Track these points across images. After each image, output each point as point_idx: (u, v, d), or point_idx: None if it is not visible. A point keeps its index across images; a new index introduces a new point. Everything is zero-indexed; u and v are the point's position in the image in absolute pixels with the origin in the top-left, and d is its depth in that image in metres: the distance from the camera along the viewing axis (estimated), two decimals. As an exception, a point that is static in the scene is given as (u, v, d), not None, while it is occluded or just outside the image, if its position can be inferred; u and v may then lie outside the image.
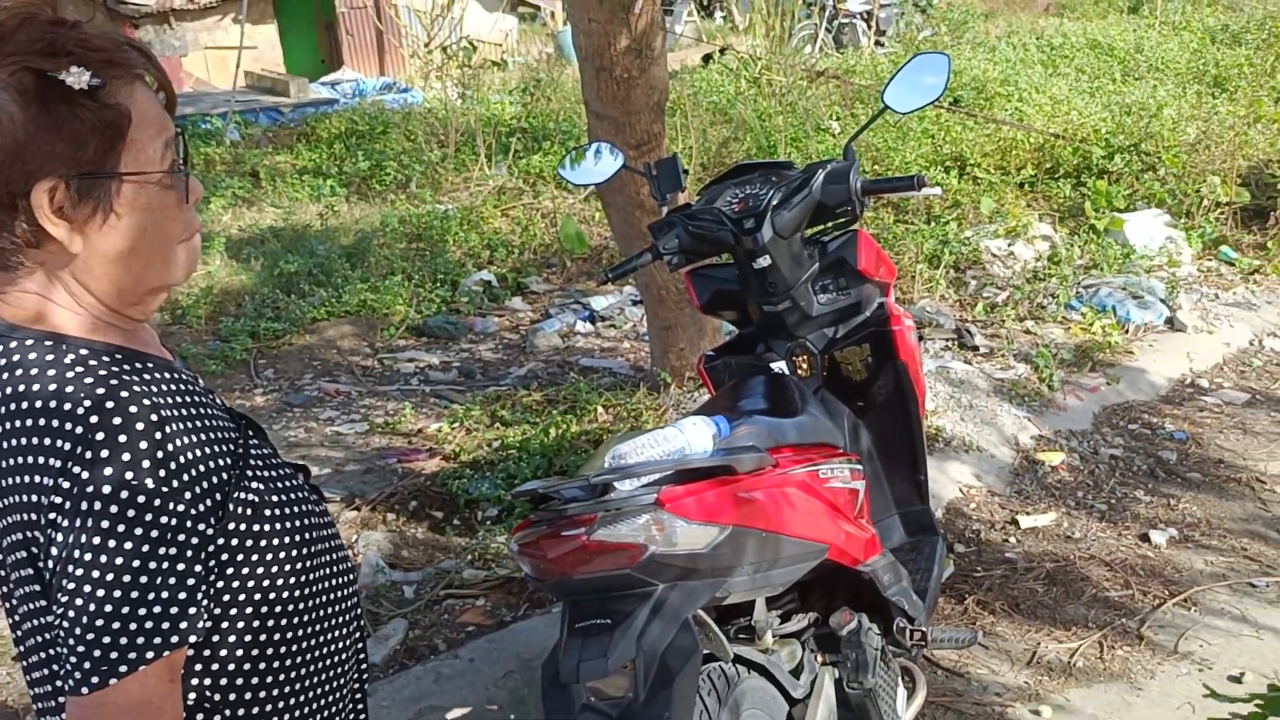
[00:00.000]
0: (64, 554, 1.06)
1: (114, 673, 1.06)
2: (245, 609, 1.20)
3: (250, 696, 1.23)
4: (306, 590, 1.27)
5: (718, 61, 10.81)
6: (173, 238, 1.20)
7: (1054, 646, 3.00)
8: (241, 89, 11.31)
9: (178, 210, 1.20)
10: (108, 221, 1.14)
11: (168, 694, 1.10)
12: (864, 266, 2.56)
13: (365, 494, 3.85)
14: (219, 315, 5.69)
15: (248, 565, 1.19)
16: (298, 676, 1.28)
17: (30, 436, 1.09)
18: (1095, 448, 4.11)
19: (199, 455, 1.14)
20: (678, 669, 1.66)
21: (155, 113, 1.17)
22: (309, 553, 1.28)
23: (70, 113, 1.09)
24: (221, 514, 1.15)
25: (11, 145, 1.08)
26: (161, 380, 1.18)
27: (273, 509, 1.23)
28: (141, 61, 1.17)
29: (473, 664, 2.95)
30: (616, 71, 3.67)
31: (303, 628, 1.27)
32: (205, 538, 1.13)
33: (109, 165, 1.12)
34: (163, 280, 1.21)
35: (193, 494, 1.11)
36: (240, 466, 1.20)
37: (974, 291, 5.41)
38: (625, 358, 5.09)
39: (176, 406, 1.16)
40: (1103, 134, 6.79)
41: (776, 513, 1.86)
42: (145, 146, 1.15)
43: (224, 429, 1.23)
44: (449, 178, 7.82)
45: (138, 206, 1.15)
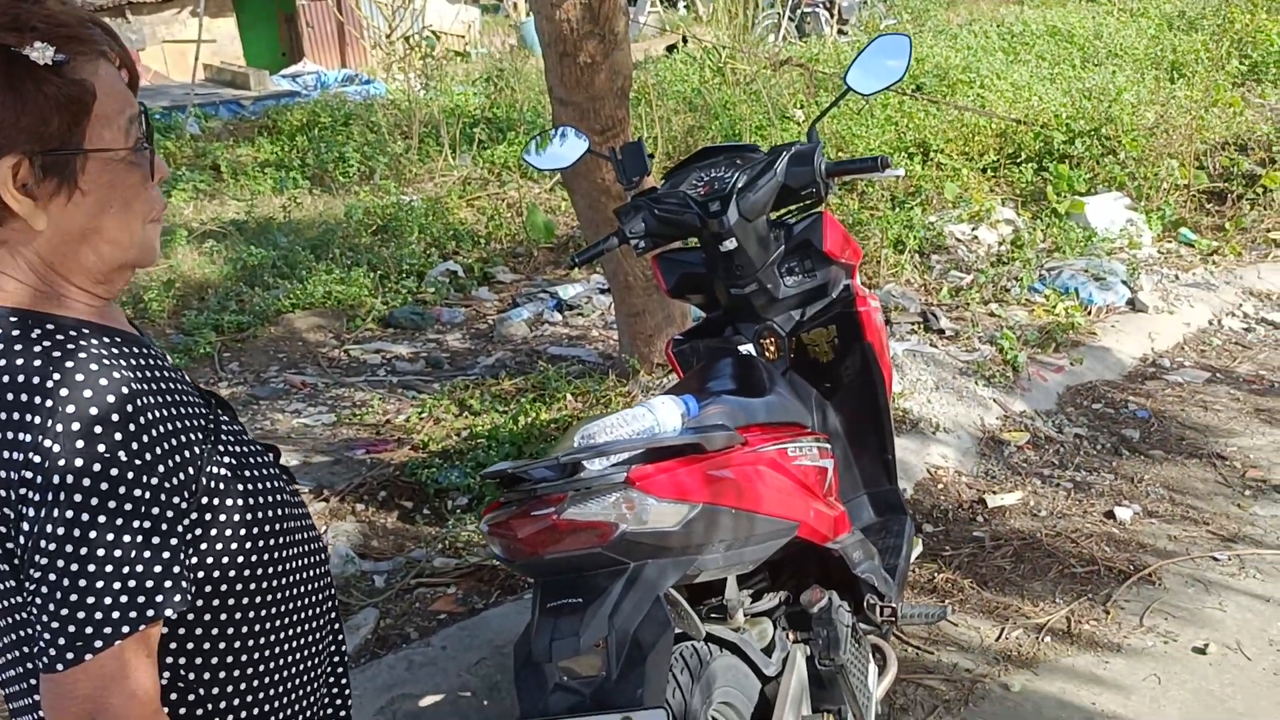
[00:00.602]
0: (36, 529, 1.05)
1: (89, 648, 1.05)
2: (220, 585, 1.19)
3: (225, 675, 1.22)
4: (281, 567, 1.27)
5: (681, 51, 10.81)
6: (138, 215, 1.19)
7: (1022, 622, 3.03)
8: (201, 82, 11.18)
9: (143, 188, 1.19)
10: (72, 199, 1.13)
11: (143, 669, 1.10)
12: (830, 248, 2.57)
13: (334, 485, 3.83)
14: (182, 309, 5.63)
15: (221, 540, 1.18)
16: (273, 654, 1.27)
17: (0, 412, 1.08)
18: (1060, 427, 4.16)
19: (171, 429, 1.13)
20: (650, 647, 1.66)
21: (119, 89, 1.17)
22: (283, 529, 1.27)
23: (35, 88, 1.08)
24: (195, 488, 1.15)
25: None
26: (131, 355, 1.17)
27: (245, 484, 1.23)
28: (104, 38, 1.16)
29: (445, 651, 2.94)
30: (580, 57, 3.66)
31: (278, 605, 1.27)
32: (180, 511, 1.12)
33: (74, 141, 1.12)
34: (128, 259, 1.21)
35: (166, 467, 1.11)
36: (212, 441, 1.20)
37: (939, 275, 5.45)
38: (594, 345, 5.08)
39: (146, 381, 1.15)
40: (1063, 119, 6.85)
41: (746, 490, 1.87)
42: (110, 123, 1.14)
43: (194, 404, 1.22)
44: (413, 169, 7.77)
45: (103, 183, 1.15)
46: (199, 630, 1.19)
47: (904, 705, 2.73)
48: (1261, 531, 3.42)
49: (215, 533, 1.18)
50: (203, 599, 1.19)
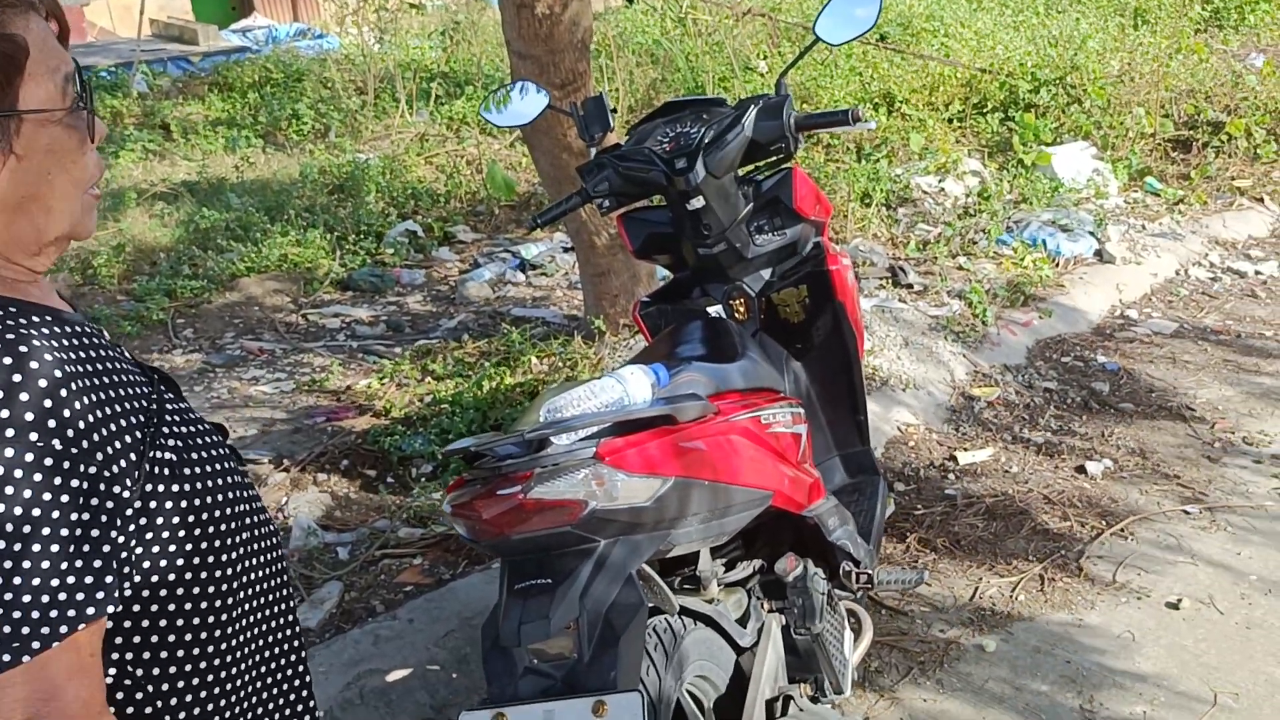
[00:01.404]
0: None
1: (26, 649, 0.98)
2: (167, 575, 1.12)
3: (175, 669, 1.16)
4: (230, 555, 1.20)
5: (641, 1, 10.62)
6: (78, 182, 1.11)
7: (996, 581, 3.01)
8: (147, 38, 10.85)
9: (81, 152, 1.11)
10: (7, 164, 1.04)
11: (89, 669, 1.03)
12: (800, 205, 2.50)
13: (294, 454, 3.73)
14: (133, 274, 5.46)
15: (167, 529, 1.11)
16: (225, 646, 1.21)
17: None
18: (1030, 381, 4.13)
19: (108, 414, 1.06)
20: (622, 627, 1.60)
21: (52, 45, 1.08)
22: (232, 513, 1.20)
23: None
24: (137, 474, 1.07)
25: None
26: (61, 335, 1.08)
27: (192, 467, 1.15)
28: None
29: (412, 624, 2.88)
30: (538, 8, 3.54)
31: (230, 594, 1.20)
32: (122, 500, 1.05)
33: (7, 103, 1.03)
34: (66, 229, 1.12)
35: (105, 455, 1.03)
36: (155, 424, 1.12)
37: (906, 229, 5.40)
38: (558, 306, 4.99)
39: (79, 363, 1.07)
40: (1028, 68, 6.79)
41: (720, 461, 1.81)
42: (44, 82, 1.05)
43: (134, 384, 1.14)
44: (369, 126, 7.59)
45: (39, 147, 1.06)
46: (146, 623, 1.13)
47: (879, 668, 2.71)
48: (1231, 485, 3.42)
49: (161, 520, 1.11)
50: (149, 589, 1.12)
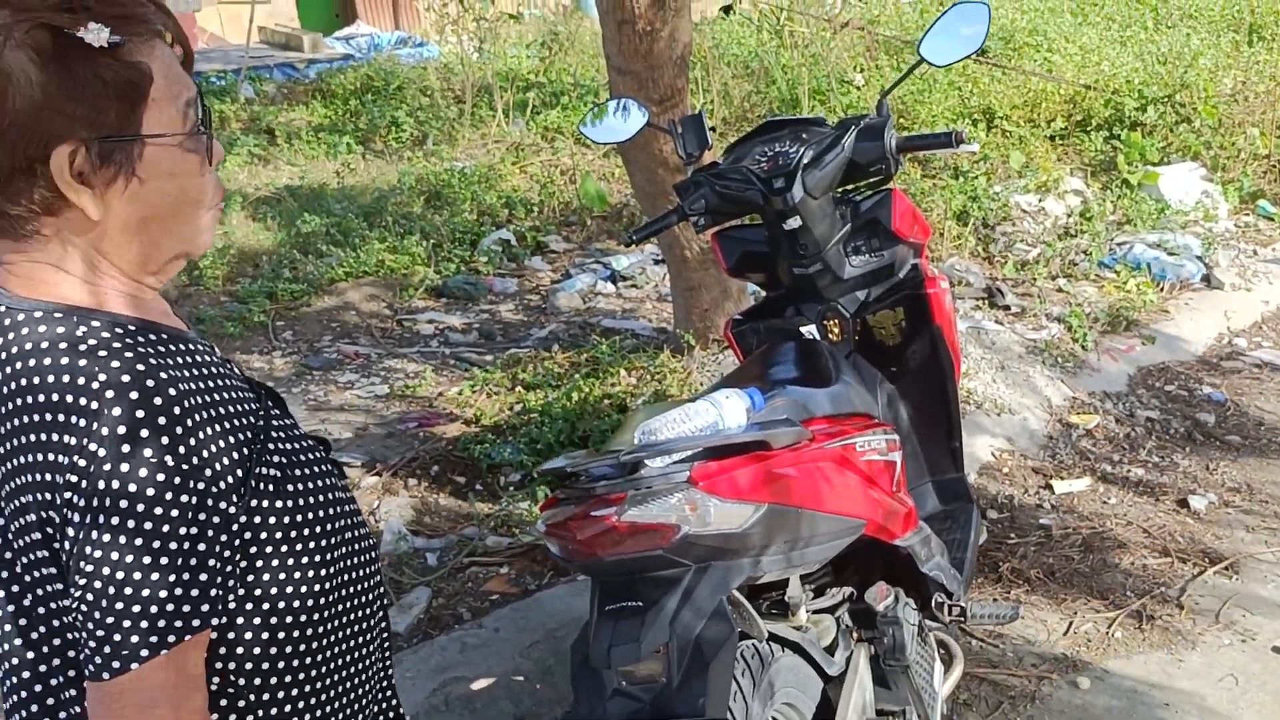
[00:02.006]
0: (81, 535, 1.02)
1: (134, 658, 1.02)
2: (270, 589, 1.16)
3: (276, 681, 1.19)
4: (331, 569, 1.23)
5: (736, 13, 10.61)
6: (196, 203, 1.15)
7: (1091, 616, 2.93)
8: (256, 45, 11.18)
9: (200, 174, 1.14)
10: (130, 186, 1.08)
11: (191, 678, 1.07)
12: (898, 227, 2.47)
13: (386, 459, 3.80)
14: (236, 276, 5.63)
15: (271, 544, 1.15)
16: (324, 658, 1.24)
17: (44, 413, 1.04)
18: (1131, 410, 4.01)
19: (218, 430, 1.09)
20: (712, 654, 1.59)
21: (176, 71, 1.11)
22: (334, 528, 1.23)
23: (90, 72, 1.03)
24: (243, 491, 1.10)
25: (28, 107, 1.02)
26: (177, 353, 1.13)
27: (296, 484, 1.18)
28: (159, 17, 1.11)
29: (498, 633, 2.91)
30: (639, 25, 3.55)
31: (329, 607, 1.23)
32: (227, 516, 1.08)
33: (131, 127, 1.07)
34: (185, 248, 1.17)
35: (214, 470, 1.07)
36: (261, 440, 1.15)
37: (1003, 249, 5.29)
38: (647, 318, 5.01)
39: (193, 380, 1.10)
40: (1135, 85, 6.61)
41: (813, 489, 1.79)
42: (167, 107, 1.09)
43: (243, 401, 1.17)
44: (466, 134, 7.71)
45: (161, 170, 1.10)
46: (249, 634, 1.16)
47: (968, 701, 2.65)
48: (1345, 524, 3.27)
49: (264, 535, 1.14)
50: (252, 603, 1.15)
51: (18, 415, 1.05)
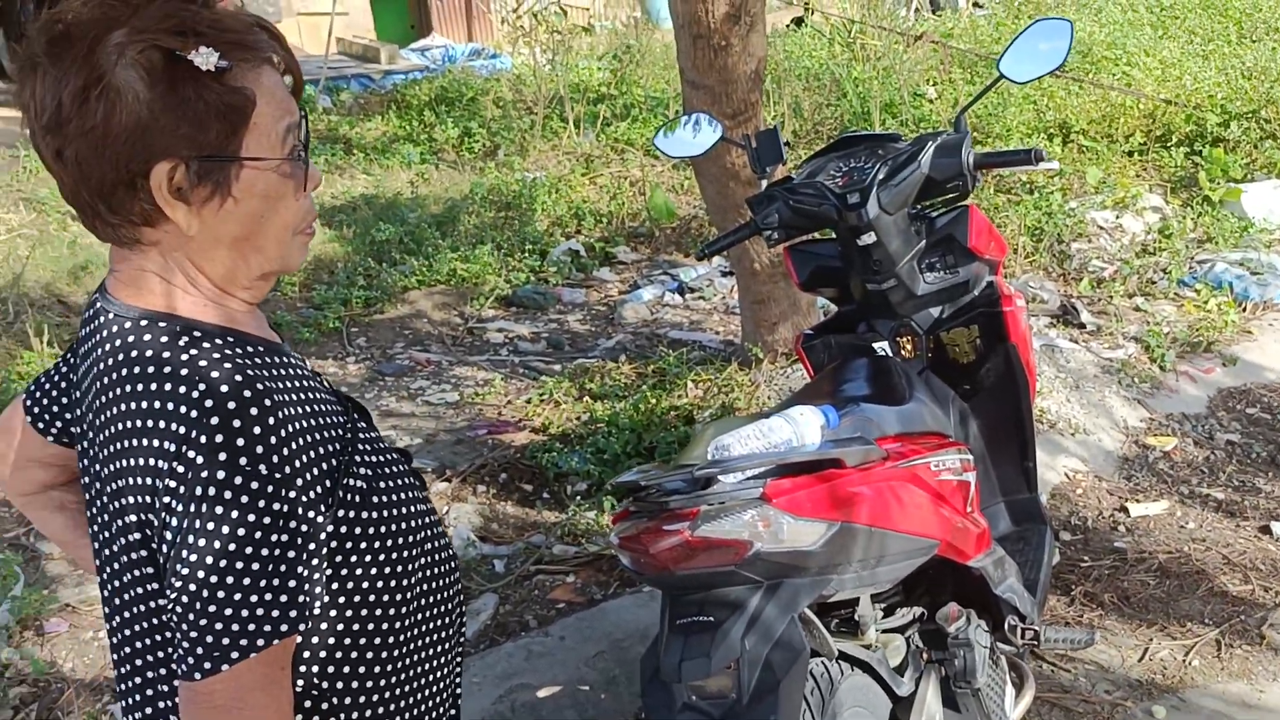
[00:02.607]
0: (178, 539, 1.05)
1: (226, 659, 1.05)
2: (354, 596, 1.19)
3: (358, 685, 1.22)
4: (414, 578, 1.26)
5: (809, 25, 10.57)
6: (289, 225, 1.18)
7: (1168, 643, 2.87)
8: (333, 56, 11.40)
9: (295, 197, 1.18)
10: (225, 205, 1.12)
11: (279, 680, 1.10)
12: (974, 244, 2.45)
13: (456, 465, 3.85)
14: (312, 283, 5.74)
15: (356, 553, 1.18)
16: (404, 665, 1.27)
17: (145, 419, 1.08)
18: (1210, 433, 3.92)
19: (310, 440, 1.12)
20: (783, 671, 1.59)
21: (280, 97, 1.15)
22: (416, 540, 1.26)
23: (196, 94, 1.07)
24: (332, 500, 1.14)
25: (135, 124, 1.06)
26: (272, 364, 1.16)
27: (380, 495, 1.21)
28: (270, 44, 1.15)
29: (563, 642, 2.93)
30: (714, 39, 3.57)
31: (409, 615, 1.26)
32: (316, 525, 1.12)
33: (230, 149, 1.11)
34: (275, 266, 1.20)
35: (305, 480, 1.10)
36: (349, 451, 1.19)
37: (1079, 266, 5.20)
38: (715, 331, 5.01)
39: (287, 391, 1.14)
40: (1218, 100, 6.45)
41: (886, 508, 1.78)
42: (267, 131, 1.13)
43: (332, 413, 1.21)
44: (537, 145, 7.78)
45: (256, 192, 1.13)
46: (332, 640, 1.19)
47: (1038, 726, 2.61)
48: None
49: (350, 545, 1.17)
50: (337, 609, 1.18)
51: (121, 420, 1.09)
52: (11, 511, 3.71)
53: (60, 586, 3.24)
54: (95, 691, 2.86)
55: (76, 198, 1.12)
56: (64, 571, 3.35)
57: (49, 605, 3.12)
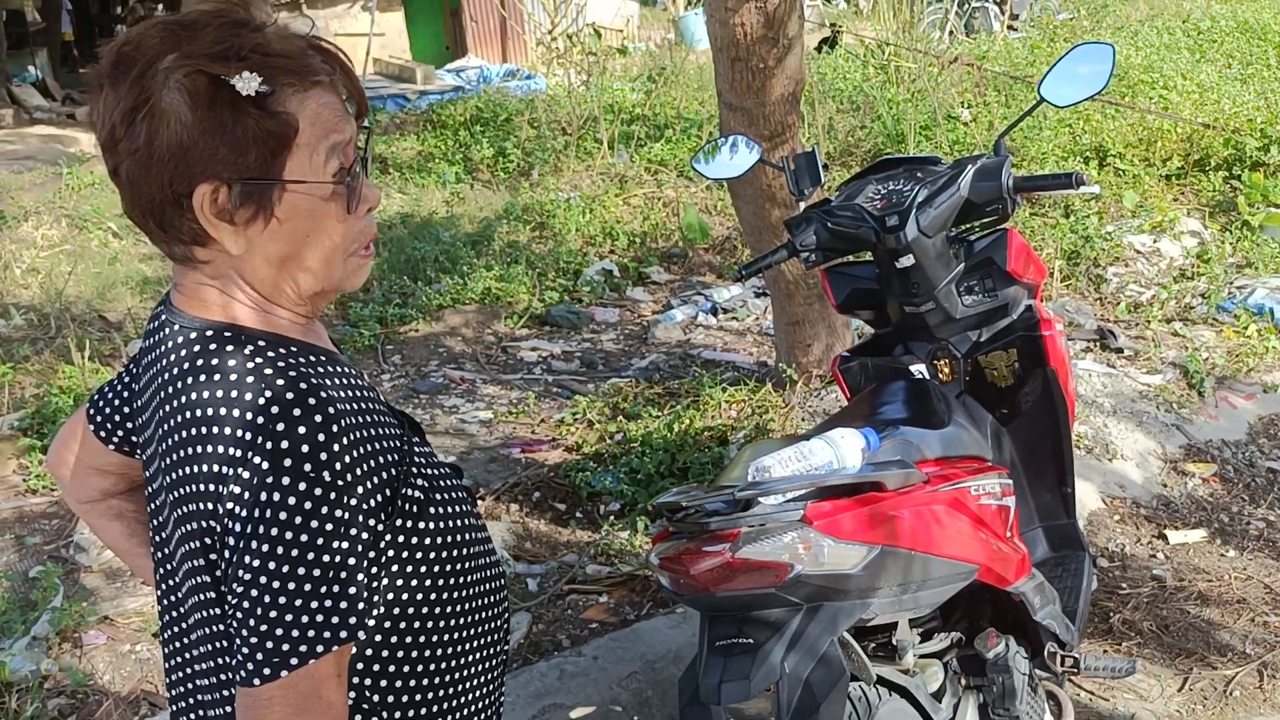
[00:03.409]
0: (240, 544, 1.07)
1: (285, 665, 1.06)
2: (408, 608, 1.20)
3: (408, 699, 1.23)
4: (467, 592, 1.27)
5: (841, 46, 10.58)
6: (338, 246, 1.18)
7: (1207, 673, 2.83)
8: (370, 76, 11.54)
9: (343, 219, 1.18)
10: (269, 226, 1.14)
11: (334, 688, 1.11)
12: (1013, 267, 2.44)
13: (489, 483, 3.87)
14: (349, 300, 5.79)
15: (411, 564, 1.19)
16: (454, 679, 1.28)
17: (210, 426, 1.09)
18: (1251, 460, 3.87)
19: (370, 450, 1.14)
20: (823, 695, 1.59)
21: (327, 118, 1.15)
22: (468, 554, 1.27)
23: (233, 119, 1.09)
24: (390, 510, 1.15)
25: (177, 146, 1.08)
26: (333, 374, 1.18)
27: (435, 507, 1.23)
28: (324, 67, 1.15)
29: (596, 662, 2.93)
30: (752, 61, 3.58)
31: (460, 629, 1.27)
32: (376, 534, 1.13)
33: (272, 172, 1.12)
34: (328, 285, 1.20)
35: (365, 489, 1.11)
36: (406, 464, 1.20)
37: (1116, 290, 5.16)
38: (748, 352, 5.01)
39: (348, 401, 1.15)
40: (1257, 124, 6.40)
41: (926, 532, 1.77)
42: (313, 155, 1.14)
43: (388, 424, 1.22)
44: (571, 165, 7.83)
45: (300, 213, 1.15)
46: (385, 653, 1.20)
47: (1076, 755, 2.57)
48: None
49: (406, 555, 1.19)
50: (391, 621, 1.19)
51: (185, 428, 1.11)
52: (51, 524, 3.76)
53: (99, 599, 3.28)
54: (133, 704, 2.88)
55: (133, 214, 1.15)
56: (102, 584, 3.39)
57: (88, 618, 3.16)
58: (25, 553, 3.59)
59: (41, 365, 4.94)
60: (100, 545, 3.56)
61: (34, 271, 6.35)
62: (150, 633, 3.12)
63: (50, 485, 3.98)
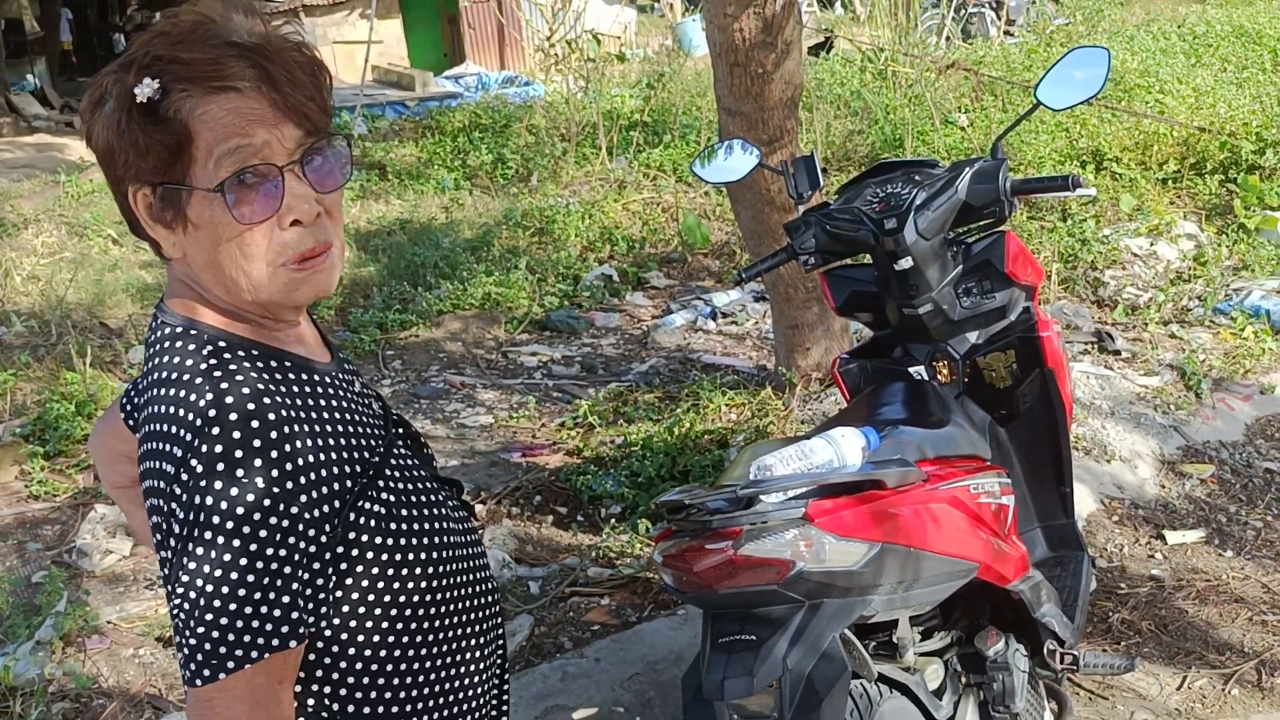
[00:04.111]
0: (179, 547, 1.08)
1: (222, 668, 1.07)
2: (366, 621, 1.19)
3: (369, 711, 1.22)
4: (440, 608, 1.25)
5: (838, 51, 10.62)
6: (249, 255, 1.13)
7: (1206, 672, 2.84)
8: (369, 83, 11.56)
9: (254, 229, 1.12)
10: (188, 231, 1.15)
11: (276, 694, 1.11)
12: (1011, 269, 2.46)
13: (490, 488, 3.88)
14: (348, 306, 5.82)
15: (368, 577, 1.18)
16: (429, 694, 1.26)
17: (164, 424, 1.11)
18: (1248, 461, 3.89)
19: (321, 460, 1.13)
20: (825, 691, 1.61)
21: (231, 125, 1.10)
22: (442, 570, 1.25)
23: (127, 123, 1.11)
24: (337, 522, 1.14)
25: (107, 149, 1.14)
26: (296, 380, 1.17)
27: (401, 522, 1.21)
28: (247, 74, 1.11)
29: (598, 664, 2.94)
30: (751, 67, 3.61)
31: (436, 645, 1.26)
32: (320, 544, 1.12)
33: (174, 176, 1.12)
34: (261, 297, 1.15)
35: (308, 498, 1.10)
36: (371, 476, 1.19)
37: (1114, 293, 5.18)
38: (748, 356, 5.03)
39: (307, 409, 1.15)
40: (1253, 127, 6.43)
41: (926, 530, 1.79)
42: (206, 161, 1.11)
43: (365, 435, 1.21)
44: (570, 171, 7.85)
45: (206, 219, 1.13)
46: (343, 663, 1.19)
47: (1076, 754, 2.59)
48: None
49: (361, 569, 1.17)
50: (347, 632, 1.18)
51: (150, 422, 1.14)
52: (53, 530, 3.78)
53: (102, 603, 3.29)
54: (136, 707, 2.89)
55: None
56: (104, 589, 3.40)
57: (91, 622, 3.17)
58: (28, 558, 3.61)
59: (42, 372, 4.95)
60: (103, 550, 3.58)
61: (34, 279, 6.37)
62: (154, 636, 3.13)
63: (52, 490, 3.99)
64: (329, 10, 14.60)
